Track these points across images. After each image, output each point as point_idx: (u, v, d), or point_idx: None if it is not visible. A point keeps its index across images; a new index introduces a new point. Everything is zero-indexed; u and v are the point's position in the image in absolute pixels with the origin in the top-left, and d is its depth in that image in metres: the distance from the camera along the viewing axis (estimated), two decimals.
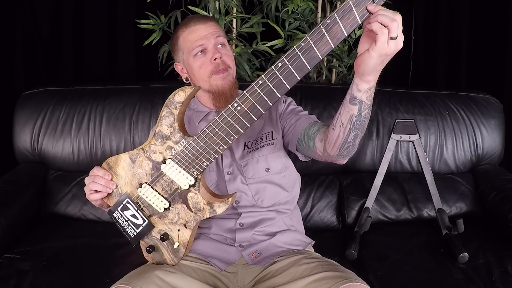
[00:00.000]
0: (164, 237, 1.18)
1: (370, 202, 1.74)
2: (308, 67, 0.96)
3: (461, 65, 2.40)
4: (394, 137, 1.74)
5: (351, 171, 1.89)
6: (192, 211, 1.15)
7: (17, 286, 1.37)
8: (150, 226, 1.18)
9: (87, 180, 1.19)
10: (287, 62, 0.96)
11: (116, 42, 2.39)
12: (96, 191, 1.17)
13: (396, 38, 0.89)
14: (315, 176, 1.85)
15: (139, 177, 1.16)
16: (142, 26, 2.07)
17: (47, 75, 2.38)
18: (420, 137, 1.73)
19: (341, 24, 0.91)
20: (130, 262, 1.44)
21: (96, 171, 1.18)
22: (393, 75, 2.50)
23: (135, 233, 1.18)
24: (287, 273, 1.17)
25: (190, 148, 1.10)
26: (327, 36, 0.92)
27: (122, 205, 1.17)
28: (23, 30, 2.32)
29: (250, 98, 1.01)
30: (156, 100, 1.85)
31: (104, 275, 1.37)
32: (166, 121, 1.12)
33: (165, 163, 1.13)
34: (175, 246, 1.19)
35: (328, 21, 0.91)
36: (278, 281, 1.17)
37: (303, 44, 0.94)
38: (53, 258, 1.51)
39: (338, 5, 2.12)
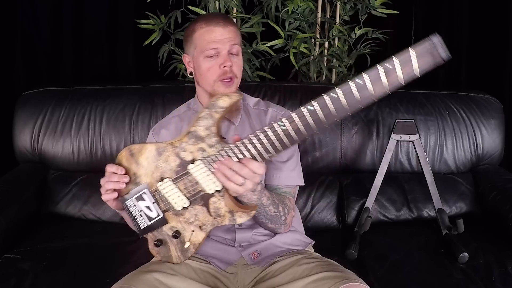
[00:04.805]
0: (177, 234, 1.15)
1: (370, 202, 1.74)
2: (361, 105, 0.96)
3: (461, 65, 2.40)
4: (394, 137, 1.74)
5: (351, 171, 1.89)
6: (211, 216, 1.13)
7: (17, 286, 1.37)
8: (163, 221, 1.15)
9: (103, 180, 1.16)
10: (341, 93, 0.96)
11: (116, 42, 2.39)
12: (112, 190, 1.15)
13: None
14: (315, 176, 1.85)
15: (162, 171, 1.13)
16: (142, 26, 2.07)
17: (47, 75, 2.38)
18: (420, 137, 1.73)
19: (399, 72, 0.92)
20: (130, 262, 1.44)
21: (109, 168, 1.15)
22: None
23: (146, 225, 1.15)
24: (287, 273, 1.17)
25: (225, 155, 1.07)
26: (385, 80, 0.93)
27: (138, 194, 1.14)
28: (23, 30, 2.32)
29: (297, 121, 0.99)
30: (156, 100, 1.85)
31: (104, 275, 1.37)
32: (204, 123, 1.09)
33: (193, 163, 1.10)
34: (186, 246, 1.16)
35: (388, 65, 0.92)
36: (278, 281, 1.17)
37: (360, 81, 0.94)
38: (53, 258, 1.51)
39: (338, 5, 2.12)
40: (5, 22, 2.31)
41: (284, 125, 1.01)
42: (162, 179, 1.13)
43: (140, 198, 1.14)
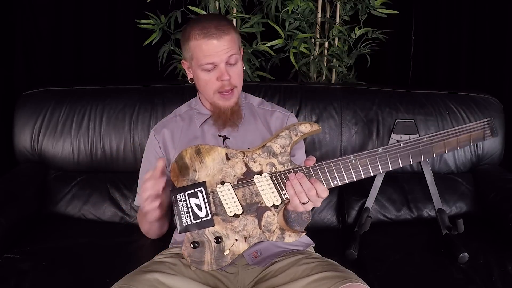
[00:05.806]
0: (219, 240, 1.15)
1: (370, 202, 1.74)
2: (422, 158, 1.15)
3: (461, 65, 2.40)
4: (394, 137, 1.73)
5: None
6: (261, 229, 1.14)
7: (17, 286, 1.36)
8: (210, 223, 1.14)
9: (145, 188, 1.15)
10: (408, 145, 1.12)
11: (116, 42, 2.39)
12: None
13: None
14: None
15: (225, 175, 1.15)
16: (142, 26, 2.07)
17: (47, 75, 2.38)
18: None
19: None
20: (130, 262, 1.43)
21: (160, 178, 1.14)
22: (393, 75, 2.50)
23: (189, 223, 1.14)
24: (287, 273, 1.17)
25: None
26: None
27: (192, 191, 1.14)
28: (23, 30, 2.32)
29: (367, 158, 1.10)
30: (156, 101, 1.85)
31: (104, 275, 1.36)
32: (281, 141, 1.15)
33: (260, 175, 1.14)
34: (225, 253, 1.16)
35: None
36: (278, 281, 1.17)
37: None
38: (53, 258, 1.51)
39: (338, 5, 2.12)
40: (5, 22, 2.31)
41: (354, 161, 1.11)
42: (222, 183, 1.15)
43: (193, 195, 1.14)
